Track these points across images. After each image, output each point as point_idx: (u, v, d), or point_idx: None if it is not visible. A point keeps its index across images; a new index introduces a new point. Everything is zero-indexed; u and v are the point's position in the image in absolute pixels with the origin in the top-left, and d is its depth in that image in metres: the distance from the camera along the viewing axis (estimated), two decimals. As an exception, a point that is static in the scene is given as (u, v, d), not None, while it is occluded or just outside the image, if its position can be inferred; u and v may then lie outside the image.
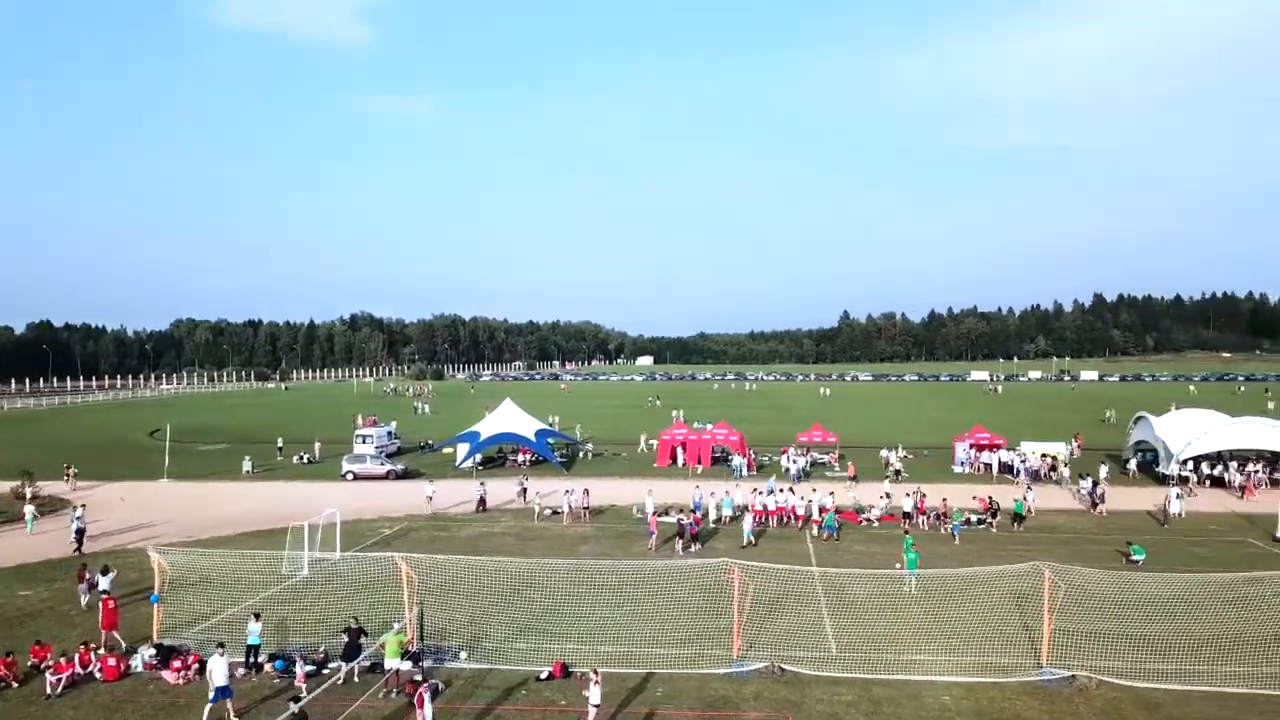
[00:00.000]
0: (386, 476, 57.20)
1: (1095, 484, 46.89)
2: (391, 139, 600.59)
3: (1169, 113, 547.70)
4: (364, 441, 66.17)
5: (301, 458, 66.89)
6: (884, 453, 62.33)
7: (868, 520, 42.94)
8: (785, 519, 42.57)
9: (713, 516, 41.85)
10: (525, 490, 48.25)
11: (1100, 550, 36.86)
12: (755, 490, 44.91)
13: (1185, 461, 52.81)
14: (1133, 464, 57.79)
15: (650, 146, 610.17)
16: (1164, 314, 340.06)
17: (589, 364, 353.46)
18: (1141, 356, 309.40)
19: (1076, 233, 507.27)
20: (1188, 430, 54.65)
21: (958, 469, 59.68)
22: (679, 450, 62.61)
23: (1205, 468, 53.28)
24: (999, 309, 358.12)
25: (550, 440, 65.60)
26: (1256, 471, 51.79)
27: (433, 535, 40.37)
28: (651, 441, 69.61)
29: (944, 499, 42.81)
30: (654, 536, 37.73)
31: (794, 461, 58.55)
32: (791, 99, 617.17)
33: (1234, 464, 52.95)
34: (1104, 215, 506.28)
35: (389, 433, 70.87)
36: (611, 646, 24.74)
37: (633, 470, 60.38)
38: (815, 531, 40.15)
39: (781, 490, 45.14)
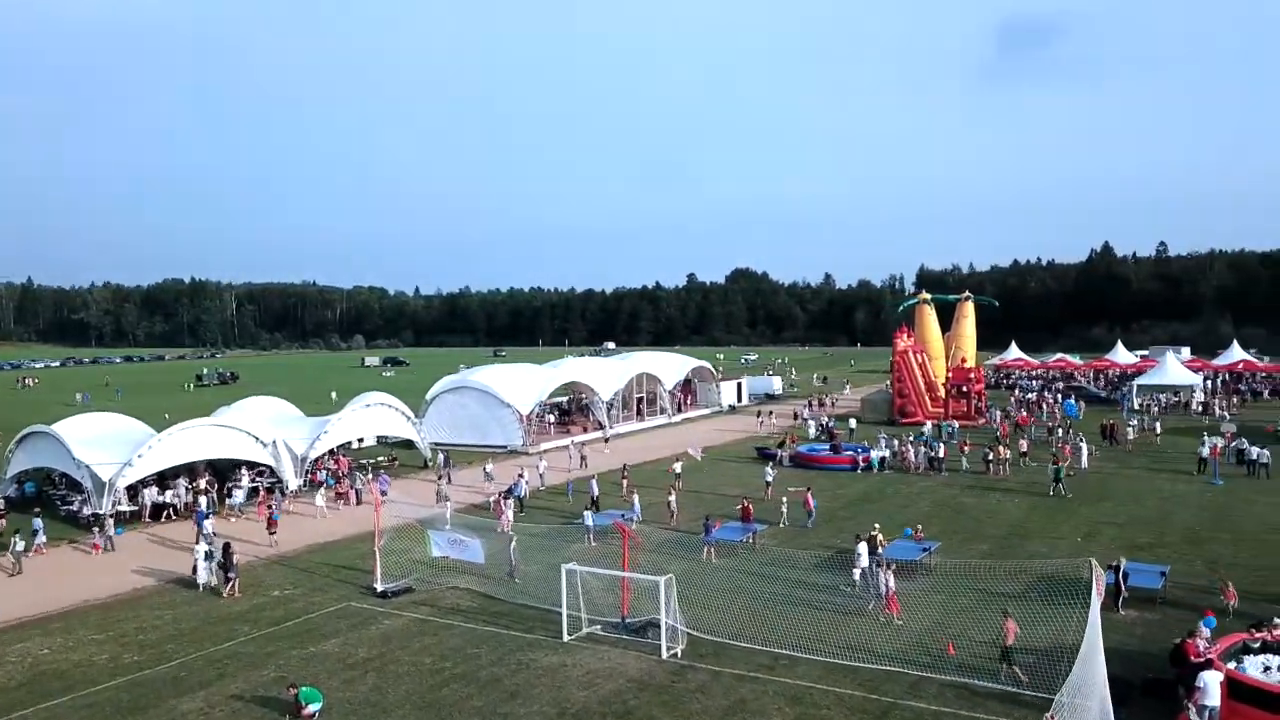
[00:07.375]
0: None
1: (227, 547, 28.23)
2: None
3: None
4: None
5: None
6: None
7: None
8: None
9: None
10: None
11: (258, 679, 20.25)
12: None
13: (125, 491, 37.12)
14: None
15: None
16: None
17: None
18: None
19: None
20: (118, 450, 38.60)
21: None
22: None
23: (154, 494, 38.63)
24: None
25: None
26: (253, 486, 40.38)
27: None
28: None
29: None
30: None
31: None
32: None
33: (182, 483, 39.94)
34: None
35: None
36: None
37: None
38: None
39: None
